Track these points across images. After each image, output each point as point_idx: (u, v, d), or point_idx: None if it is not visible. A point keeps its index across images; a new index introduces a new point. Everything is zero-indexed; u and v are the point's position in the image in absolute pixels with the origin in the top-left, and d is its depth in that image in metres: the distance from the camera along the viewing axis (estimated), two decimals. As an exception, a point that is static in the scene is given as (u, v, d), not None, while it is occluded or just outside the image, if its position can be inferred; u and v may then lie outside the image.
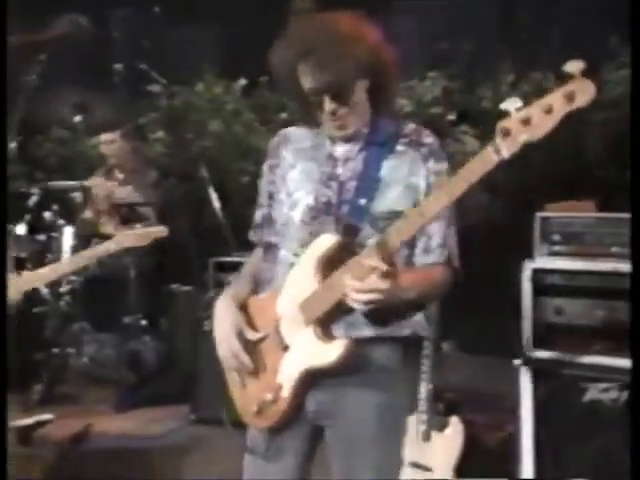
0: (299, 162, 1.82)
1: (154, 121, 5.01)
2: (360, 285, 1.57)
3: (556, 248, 2.84)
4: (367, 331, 1.71)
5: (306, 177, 1.79)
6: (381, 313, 1.66)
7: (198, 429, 3.25)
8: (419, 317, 1.80)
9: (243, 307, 1.83)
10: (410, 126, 1.81)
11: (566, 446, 2.70)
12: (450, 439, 2.80)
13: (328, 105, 1.70)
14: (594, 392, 2.60)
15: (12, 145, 3.95)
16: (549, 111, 1.40)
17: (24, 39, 1.65)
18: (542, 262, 2.84)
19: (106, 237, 4.14)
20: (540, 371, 2.81)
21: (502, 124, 1.44)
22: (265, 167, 1.89)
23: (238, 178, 4.66)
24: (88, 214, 4.29)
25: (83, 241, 3.98)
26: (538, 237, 2.88)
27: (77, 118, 3.81)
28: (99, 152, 4.51)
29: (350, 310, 1.67)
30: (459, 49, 4.70)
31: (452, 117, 4.63)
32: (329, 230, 1.72)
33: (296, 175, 1.81)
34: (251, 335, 1.79)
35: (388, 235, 1.59)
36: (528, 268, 2.84)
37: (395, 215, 1.67)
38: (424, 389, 2.80)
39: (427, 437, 2.78)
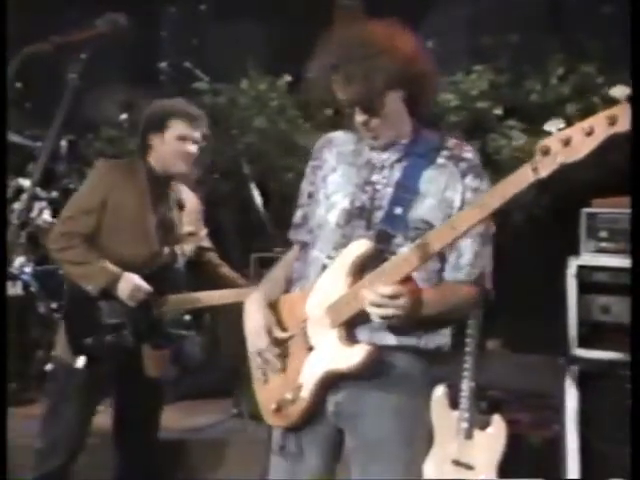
0: (340, 166, 1.84)
1: (200, 118, 5.06)
2: (377, 299, 1.58)
3: (602, 245, 2.78)
4: (390, 339, 1.72)
5: (346, 181, 1.81)
6: (403, 324, 1.67)
7: (240, 423, 3.28)
8: (446, 332, 1.80)
9: (274, 304, 1.85)
10: (452, 140, 1.82)
11: (612, 447, 2.64)
12: (493, 438, 2.77)
13: (359, 116, 1.74)
14: (641, 393, 2.53)
15: (63, 143, 4.04)
16: (590, 133, 1.41)
17: (62, 39, 1.69)
18: (588, 259, 2.79)
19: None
20: (586, 370, 2.75)
21: (542, 143, 1.45)
22: (308, 168, 1.93)
23: (282, 175, 4.67)
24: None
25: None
26: (584, 233, 2.83)
27: (122, 116, 3.88)
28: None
29: (374, 324, 1.68)
30: (505, 42, 4.62)
31: (499, 111, 4.56)
32: (361, 234, 1.74)
33: (337, 178, 1.83)
34: (279, 334, 1.81)
35: (416, 247, 1.60)
36: (573, 265, 2.79)
37: (426, 225, 1.71)
38: (466, 387, 2.78)
39: (469, 435, 2.76)
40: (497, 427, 2.77)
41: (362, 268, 1.70)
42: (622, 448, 2.58)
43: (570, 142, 1.42)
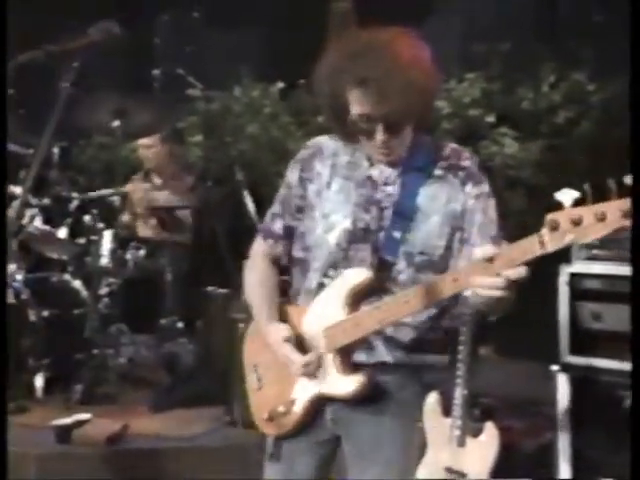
0: (335, 179, 1.74)
1: (192, 125, 5.07)
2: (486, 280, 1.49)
3: (594, 252, 2.79)
4: (387, 357, 1.72)
5: (344, 198, 1.72)
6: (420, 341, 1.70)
7: (233, 431, 3.26)
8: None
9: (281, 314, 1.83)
10: (449, 147, 1.75)
11: (604, 454, 2.64)
12: (485, 445, 2.76)
13: (380, 135, 1.62)
14: (633, 400, 2.54)
15: (55, 150, 4.04)
16: (602, 219, 1.35)
17: (55, 47, 1.69)
18: (580, 266, 2.80)
19: (144, 241, 4.23)
20: (578, 377, 2.76)
21: (552, 216, 1.40)
22: (294, 177, 1.81)
23: (274, 181, 4.67)
24: (126, 217, 4.36)
25: (121, 245, 4.04)
26: (576, 241, 2.83)
27: (115, 123, 3.88)
28: (139, 157, 4.59)
29: (371, 342, 1.70)
30: (497, 50, 4.65)
31: (491, 119, 4.58)
32: (364, 256, 1.69)
33: (332, 195, 1.74)
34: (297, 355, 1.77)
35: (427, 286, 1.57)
36: (565, 272, 2.80)
37: (432, 249, 1.67)
38: (458, 394, 2.77)
39: (462, 443, 2.75)
40: (490, 434, 2.77)
41: (360, 296, 1.68)
42: (614, 455, 2.58)
43: (581, 223, 1.37)
